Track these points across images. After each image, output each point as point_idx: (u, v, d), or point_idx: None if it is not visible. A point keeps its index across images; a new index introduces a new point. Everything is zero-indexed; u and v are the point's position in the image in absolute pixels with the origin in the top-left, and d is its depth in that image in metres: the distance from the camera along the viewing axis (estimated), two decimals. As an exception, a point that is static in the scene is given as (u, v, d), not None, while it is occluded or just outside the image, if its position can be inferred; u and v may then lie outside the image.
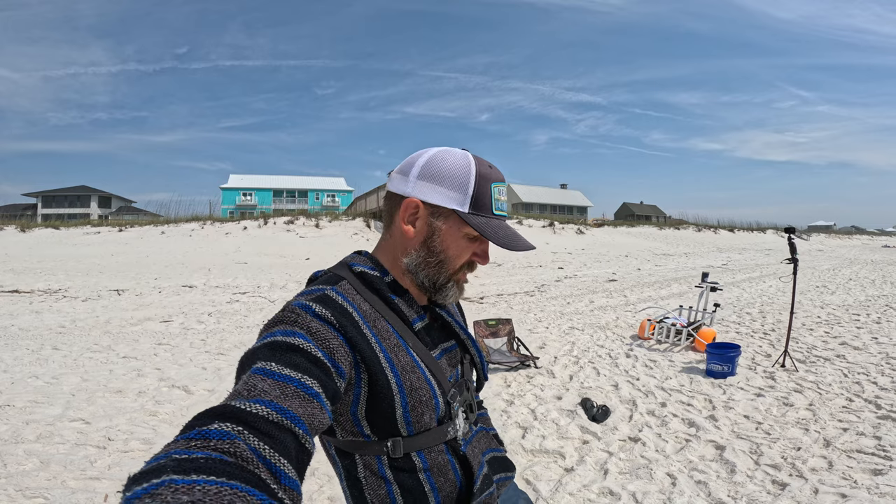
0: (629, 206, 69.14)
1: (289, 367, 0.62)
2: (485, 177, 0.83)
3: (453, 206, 0.82)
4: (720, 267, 16.59)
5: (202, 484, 0.39)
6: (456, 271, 0.86)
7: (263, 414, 0.53)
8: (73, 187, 51.97)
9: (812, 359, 4.97)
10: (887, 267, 16.83)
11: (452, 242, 0.84)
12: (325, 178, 59.45)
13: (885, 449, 2.81)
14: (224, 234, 20.51)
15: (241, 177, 55.95)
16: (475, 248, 0.86)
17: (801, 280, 12.54)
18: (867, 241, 47.53)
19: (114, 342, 5.88)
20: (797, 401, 3.70)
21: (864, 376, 4.31)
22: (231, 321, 7.36)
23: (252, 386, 0.58)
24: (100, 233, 21.27)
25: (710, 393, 3.97)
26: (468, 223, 0.82)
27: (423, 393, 0.81)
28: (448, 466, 0.85)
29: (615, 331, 6.46)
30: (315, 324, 0.72)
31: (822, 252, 27.45)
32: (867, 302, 8.81)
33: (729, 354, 4.28)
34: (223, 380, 4.46)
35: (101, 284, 11.49)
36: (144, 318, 7.48)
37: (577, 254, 20.88)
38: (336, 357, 0.70)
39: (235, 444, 0.47)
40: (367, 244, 19.77)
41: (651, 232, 32.23)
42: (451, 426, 0.86)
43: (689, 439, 3.10)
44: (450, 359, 0.91)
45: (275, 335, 0.68)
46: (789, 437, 3.04)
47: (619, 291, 10.35)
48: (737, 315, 7.55)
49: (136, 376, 4.51)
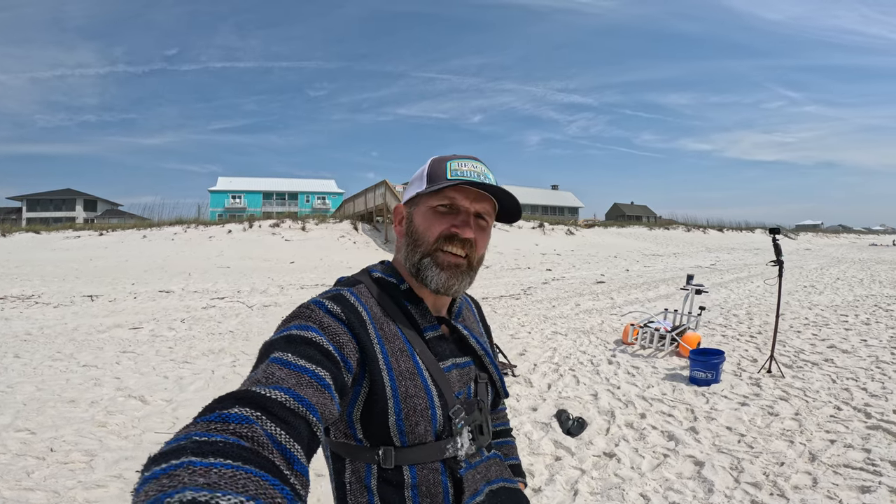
0: (620, 206, 69.31)
1: (304, 358, 0.65)
2: (439, 160, 0.88)
3: (415, 191, 0.89)
4: (708, 267, 16.49)
5: (219, 467, 0.39)
6: (430, 246, 0.85)
7: (281, 400, 0.55)
8: (58, 190, 51.17)
9: (799, 363, 4.80)
10: (875, 265, 16.83)
11: (421, 218, 0.86)
12: (315, 180, 58.96)
13: (875, 463, 2.63)
14: (208, 237, 20.13)
15: (230, 179, 55.31)
16: (451, 220, 0.85)
17: (788, 280, 12.45)
18: (854, 239, 47.90)
19: (77, 350, 5.68)
20: (783, 410, 3.52)
21: (853, 382, 4.15)
22: (204, 328, 7.14)
23: (270, 374, 0.61)
24: (80, 237, 20.81)
25: (693, 402, 3.78)
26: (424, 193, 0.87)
27: (419, 402, 0.79)
28: (439, 488, 0.80)
29: (599, 335, 6.27)
30: (327, 319, 0.74)
31: (809, 251, 27.54)
32: (855, 302, 8.70)
33: (713, 361, 4.10)
34: (184, 389, 4.29)
35: (76, 290, 11.24)
36: (114, 325, 7.28)
37: (567, 255, 20.73)
38: (345, 352, 0.73)
39: (253, 429, 0.48)
40: (353, 247, 19.51)
41: (641, 232, 32.20)
42: (450, 443, 0.82)
43: (667, 454, 2.90)
44: (461, 375, 0.88)
45: (291, 329, 0.71)
46: (773, 451, 2.85)
47: (607, 294, 10.18)
48: (724, 317, 7.40)
49: (93, 385, 4.34)
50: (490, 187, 0.85)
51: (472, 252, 0.86)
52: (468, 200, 0.86)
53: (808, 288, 10.85)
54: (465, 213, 0.86)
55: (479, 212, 0.87)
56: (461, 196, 0.86)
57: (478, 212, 0.87)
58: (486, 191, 0.86)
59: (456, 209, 0.85)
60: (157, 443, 3.21)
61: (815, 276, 13.39)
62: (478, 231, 0.87)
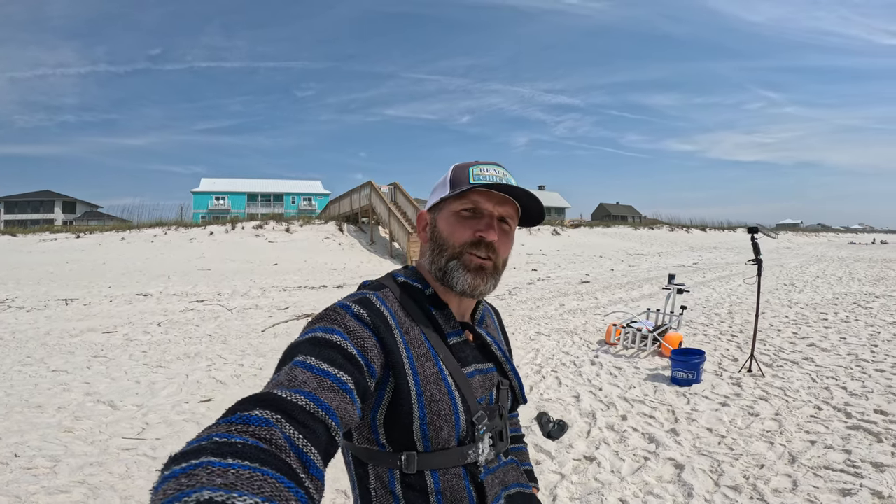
0: (606, 206, 69.90)
1: (326, 362, 0.65)
2: (462, 166, 0.89)
3: (439, 197, 0.89)
4: (691, 266, 16.65)
5: (237, 468, 0.40)
6: (456, 250, 0.85)
7: (301, 404, 0.56)
8: (36, 192, 50.01)
9: (780, 362, 4.81)
10: (854, 263, 17.15)
11: (445, 223, 0.87)
12: (301, 181, 58.27)
13: (856, 464, 2.60)
14: (188, 239, 19.75)
15: (214, 180, 54.38)
16: (475, 225, 0.85)
17: (769, 278, 12.61)
18: (833, 238, 48.90)
19: (48, 355, 5.58)
20: (763, 410, 3.50)
21: (833, 380, 4.16)
22: (180, 331, 7.02)
23: (293, 377, 0.61)
24: (56, 239, 20.28)
25: (674, 403, 3.74)
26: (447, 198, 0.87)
27: (443, 406, 0.79)
28: (463, 493, 0.80)
29: (583, 336, 6.24)
30: (353, 323, 0.74)
31: (789, 249, 28.00)
32: (835, 300, 8.81)
33: (693, 361, 4.08)
34: (156, 394, 4.20)
35: (51, 294, 10.97)
36: (87, 329, 7.12)
37: (552, 255, 20.79)
38: (369, 356, 0.72)
39: (272, 431, 0.49)
40: (338, 248, 19.31)
41: (626, 232, 32.45)
42: (472, 449, 0.82)
43: (647, 457, 2.85)
44: (484, 381, 0.88)
45: (315, 331, 0.71)
46: (753, 453, 2.82)
47: (591, 293, 10.19)
48: (705, 316, 7.43)
49: (62, 391, 4.27)
50: (514, 189, 0.85)
51: (496, 256, 0.87)
52: (491, 204, 0.86)
53: (789, 286, 10.98)
54: (488, 216, 0.86)
55: (503, 215, 0.87)
56: (484, 200, 0.86)
57: (501, 215, 0.87)
58: (509, 193, 0.86)
59: (479, 213, 0.86)
60: (123, 448, 3.17)
61: (795, 275, 13.58)
62: (501, 235, 0.87)
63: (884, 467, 2.54)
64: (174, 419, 3.67)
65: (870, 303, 8.34)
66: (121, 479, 2.78)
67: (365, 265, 16.64)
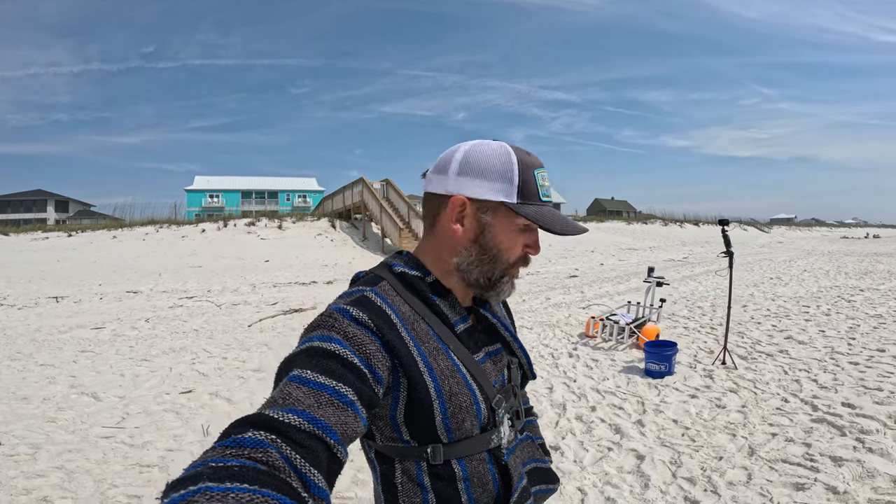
0: (601, 201, 70.03)
1: (324, 374, 0.62)
2: (527, 164, 0.80)
3: (501, 198, 0.78)
4: (681, 260, 16.72)
5: (236, 491, 0.40)
6: (510, 265, 0.82)
7: (296, 424, 0.54)
8: (28, 192, 49.73)
9: (755, 355, 4.86)
10: (843, 257, 17.25)
11: (505, 236, 0.80)
12: (295, 178, 58.14)
13: (814, 458, 2.64)
14: (180, 237, 19.70)
15: (207, 178, 54.16)
16: (526, 240, 0.82)
17: (755, 271, 12.69)
18: (826, 232, 49.18)
19: (37, 350, 5.70)
20: (730, 402, 3.55)
21: (806, 373, 4.21)
22: (168, 326, 7.12)
23: (287, 394, 0.59)
24: (48, 238, 20.20)
25: (645, 395, 3.79)
26: (519, 213, 0.78)
27: (464, 399, 0.77)
28: (488, 476, 0.81)
29: (564, 329, 6.29)
30: (352, 328, 0.70)
31: (781, 244, 28.16)
32: (819, 293, 8.88)
33: (665, 353, 4.12)
34: (138, 386, 4.32)
35: (42, 291, 11.01)
36: (76, 326, 7.24)
37: (544, 250, 20.82)
38: (373, 362, 0.69)
39: (268, 453, 0.48)
40: (330, 244, 19.31)
41: (620, 227, 32.54)
42: (494, 433, 0.82)
43: (611, 448, 2.90)
44: (495, 362, 0.86)
45: (312, 340, 0.68)
46: (714, 445, 2.86)
47: (578, 287, 10.24)
48: (688, 309, 7.49)
49: (48, 384, 4.40)
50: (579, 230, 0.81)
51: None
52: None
53: (774, 279, 11.06)
54: (536, 232, 0.83)
55: None
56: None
57: None
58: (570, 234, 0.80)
59: (531, 227, 0.82)
60: (102, 436, 3.30)
61: (782, 268, 13.66)
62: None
63: (842, 461, 2.57)
64: (154, 409, 3.81)
65: (854, 296, 8.41)
66: (97, 464, 2.91)
67: (357, 261, 16.66)
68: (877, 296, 8.30)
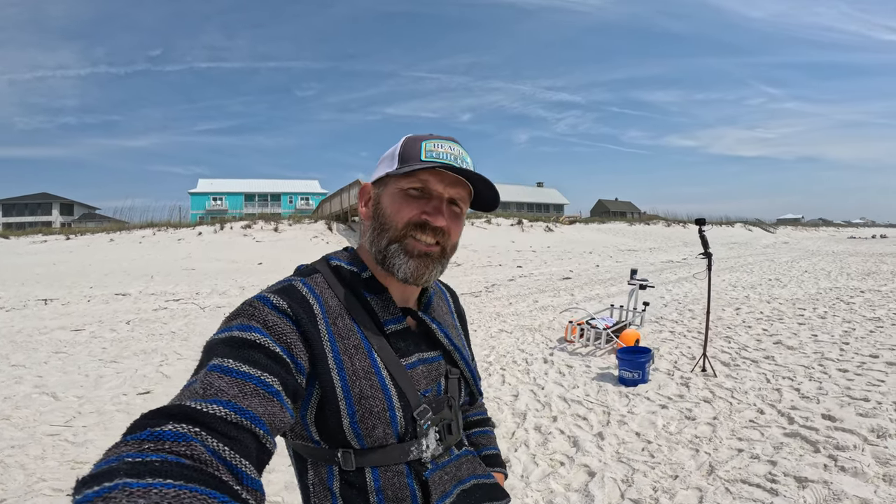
0: (604, 202, 69.52)
1: (247, 363, 0.59)
2: (414, 139, 0.81)
3: (385, 172, 0.80)
4: (679, 262, 16.42)
5: (159, 487, 0.37)
6: (399, 232, 0.77)
7: (221, 415, 0.51)
8: (33, 195, 50.07)
9: (738, 361, 4.63)
10: (847, 258, 16.88)
11: (388, 200, 0.79)
12: (298, 181, 58.19)
13: (776, 479, 2.41)
14: (177, 240, 19.67)
15: (211, 181, 54.38)
16: (423, 206, 0.77)
17: (754, 273, 12.39)
18: (833, 232, 48.49)
19: (13, 351, 5.72)
20: (702, 413, 3.33)
21: (789, 381, 3.98)
22: (147, 329, 7.12)
23: (208, 384, 0.56)
24: (46, 241, 20.26)
25: (613, 404, 3.58)
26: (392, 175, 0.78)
27: (375, 403, 0.72)
28: (406, 491, 0.74)
29: (546, 333, 6.08)
30: (272, 317, 0.67)
31: (786, 244, 27.71)
32: (817, 295, 8.61)
33: (638, 360, 3.91)
34: (99, 387, 4.35)
35: (33, 294, 11.08)
36: (58, 328, 7.25)
37: (542, 252, 20.58)
38: (294, 352, 0.66)
39: (192, 447, 0.45)
40: (326, 247, 19.19)
41: (621, 228, 32.19)
42: (414, 445, 0.76)
43: (563, 462, 2.70)
44: (429, 371, 0.81)
45: (232, 329, 0.65)
46: (673, 461, 2.65)
47: (569, 290, 10.01)
48: (678, 312, 7.25)
49: (13, 383, 4.45)
50: (468, 173, 0.78)
51: (445, 240, 0.79)
52: (442, 185, 0.78)
53: (773, 281, 10.77)
54: (437, 198, 0.78)
55: (454, 197, 0.80)
56: (435, 180, 0.78)
57: (452, 197, 0.79)
58: (464, 176, 0.78)
59: (428, 193, 0.78)
60: (48, 434, 3.36)
61: (783, 270, 13.35)
62: (451, 218, 0.79)
63: (806, 483, 2.35)
64: (107, 409, 3.82)
65: (853, 298, 8.14)
66: (34, 459, 2.95)
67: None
68: (878, 297, 8.02)
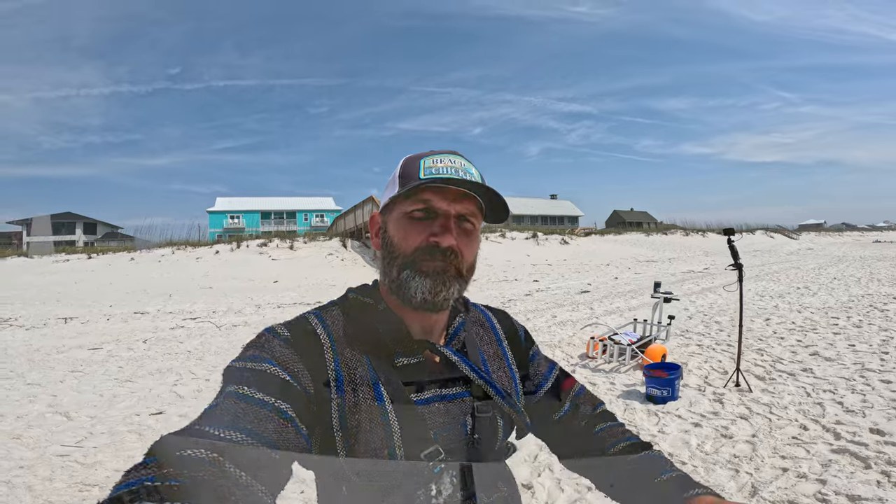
0: (620, 213, 68.86)
1: (262, 391, 0.61)
2: (413, 158, 0.78)
3: (388, 197, 0.77)
4: (701, 272, 16.01)
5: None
6: (409, 258, 0.73)
7: (238, 440, 0.53)
8: (57, 214, 51.42)
9: (774, 374, 4.40)
10: (875, 263, 16.32)
11: (396, 229, 0.76)
12: (313, 198, 59.03)
13: (826, 498, 2.22)
14: (195, 258, 19.91)
15: (229, 200, 55.51)
16: (430, 228, 0.73)
17: (781, 281, 12.01)
18: (858, 237, 47.12)
19: (30, 369, 5.74)
20: (739, 431, 3.13)
21: (831, 394, 3.75)
22: (163, 348, 7.08)
23: (225, 410, 0.57)
24: (68, 260, 20.66)
25: (641, 423, 3.39)
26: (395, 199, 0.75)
27: (373, 438, 0.68)
28: None
29: (566, 349, 5.88)
30: (279, 348, 0.69)
31: (811, 251, 26.96)
32: (850, 303, 8.28)
33: (668, 377, 3.72)
34: (112, 407, 4.31)
35: (53, 313, 11.23)
36: (76, 346, 7.26)
37: (558, 265, 20.31)
38: (302, 381, 0.67)
39: (210, 471, 0.46)
40: (340, 264, 19.21)
41: (638, 238, 31.71)
42: (422, 489, 0.69)
43: (590, 488, 2.53)
44: (448, 409, 0.75)
45: (246, 359, 0.67)
46: (711, 483, 2.46)
47: (588, 304, 9.77)
48: (704, 325, 6.99)
49: (28, 402, 4.44)
50: (469, 184, 0.72)
51: (459, 262, 0.73)
52: (446, 202, 0.73)
53: (802, 289, 10.41)
54: (443, 216, 0.73)
55: (462, 213, 0.74)
56: (438, 197, 0.73)
57: (460, 213, 0.74)
58: (466, 188, 0.72)
59: (434, 213, 0.73)
60: (58, 454, 3.31)
61: (811, 277, 12.92)
62: (462, 237, 0.74)
63: (860, 501, 2.15)
64: (119, 430, 3.76)
65: (887, 305, 7.80)
66: (41, 481, 2.90)
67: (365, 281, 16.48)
68: (913, 305, 7.67)
